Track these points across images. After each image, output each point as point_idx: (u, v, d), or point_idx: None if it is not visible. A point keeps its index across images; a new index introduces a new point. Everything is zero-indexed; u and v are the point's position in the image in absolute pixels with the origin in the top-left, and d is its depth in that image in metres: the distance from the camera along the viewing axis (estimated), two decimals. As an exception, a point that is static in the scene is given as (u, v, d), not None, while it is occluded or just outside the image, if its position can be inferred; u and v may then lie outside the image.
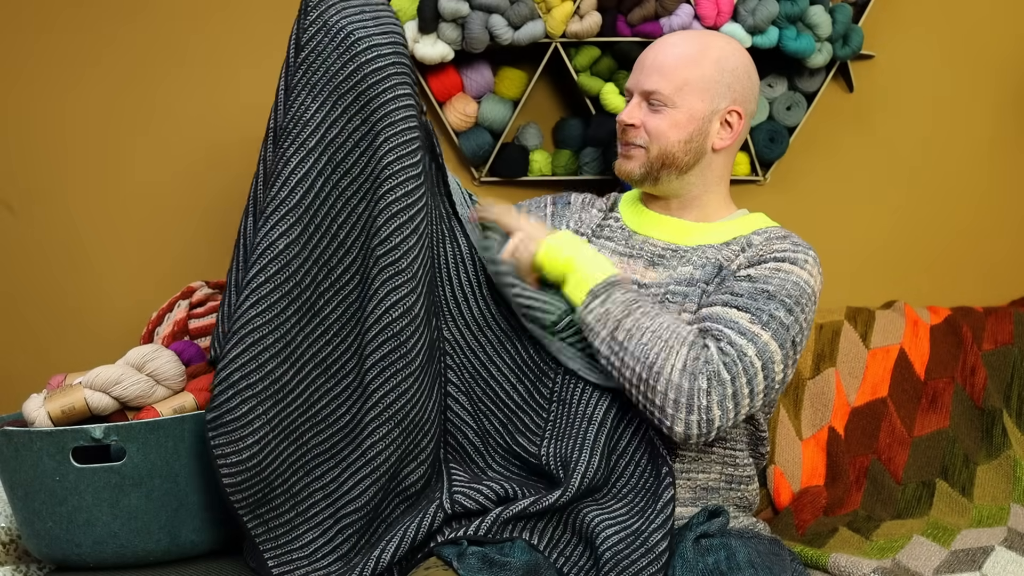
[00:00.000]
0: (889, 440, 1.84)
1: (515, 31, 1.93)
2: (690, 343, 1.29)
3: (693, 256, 1.45)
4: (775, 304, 1.34)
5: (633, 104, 1.48)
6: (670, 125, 1.45)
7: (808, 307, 1.37)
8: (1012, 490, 1.75)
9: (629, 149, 1.49)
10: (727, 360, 1.29)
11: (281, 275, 1.31)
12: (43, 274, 2.07)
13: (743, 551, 1.26)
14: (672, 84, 1.44)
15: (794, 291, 1.36)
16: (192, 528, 1.39)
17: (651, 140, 1.46)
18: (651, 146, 1.46)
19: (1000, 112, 2.21)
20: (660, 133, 1.46)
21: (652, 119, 1.46)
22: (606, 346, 1.33)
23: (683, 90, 1.44)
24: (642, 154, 1.47)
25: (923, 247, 2.23)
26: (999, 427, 1.82)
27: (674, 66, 1.45)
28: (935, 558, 1.53)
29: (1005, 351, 1.90)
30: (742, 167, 2.12)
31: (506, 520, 1.32)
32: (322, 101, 1.33)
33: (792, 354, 1.35)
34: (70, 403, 1.39)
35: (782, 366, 1.33)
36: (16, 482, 1.38)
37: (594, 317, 1.34)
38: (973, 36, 2.19)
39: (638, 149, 1.47)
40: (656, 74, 1.45)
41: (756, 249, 1.43)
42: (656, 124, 1.45)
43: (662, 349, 1.28)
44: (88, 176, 2.06)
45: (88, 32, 2.02)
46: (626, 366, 1.31)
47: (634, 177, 1.49)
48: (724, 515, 1.36)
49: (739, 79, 1.47)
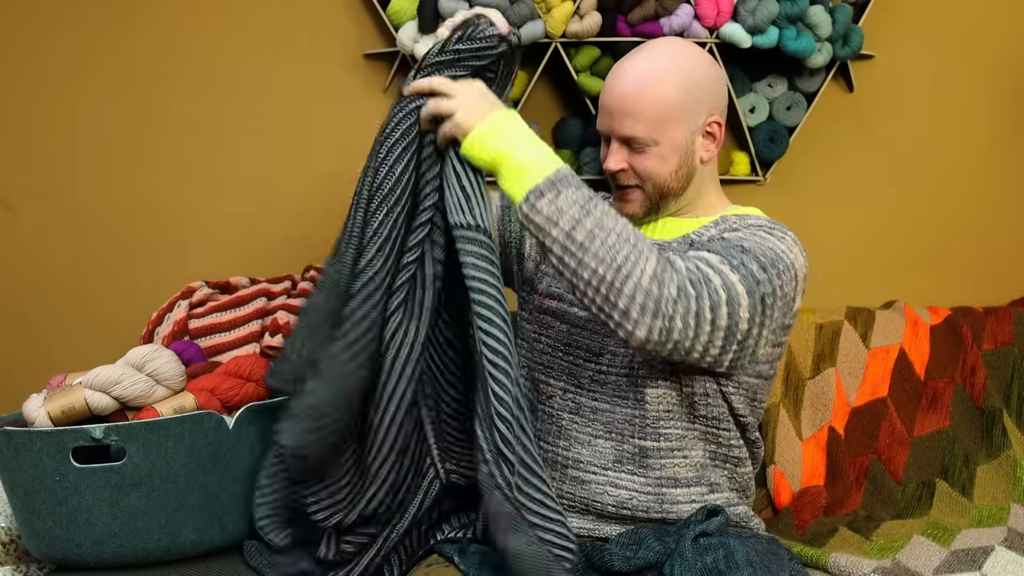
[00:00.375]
0: (889, 440, 1.84)
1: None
2: (657, 252, 1.24)
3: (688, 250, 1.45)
4: (748, 257, 1.30)
5: (614, 150, 1.44)
6: (658, 162, 1.42)
7: (785, 275, 1.33)
8: (1012, 490, 1.75)
9: (625, 192, 1.46)
10: (693, 278, 1.24)
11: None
12: (43, 274, 2.07)
13: (741, 550, 1.27)
14: (647, 125, 1.40)
15: (769, 254, 1.32)
16: (192, 528, 1.39)
17: (644, 180, 1.44)
18: (646, 185, 1.44)
19: (999, 112, 2.21)
20: (651, 172, 1.43)
21: (638, 160, 1.43)
22: (558, 246, 1.23)
23: (660, 126, 1.41)
24: (639, 194, 1.45)
25: (923, 247, 2.23)
26: (999, 427, 1.82)
27: (643, 106, 1.40)
28: (935, 558, 1.53)
29: (1005, 351, 1.90)
30: (742, 167, 2.12)
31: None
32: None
33: (760, 311, 1.30)
34: (70, 403, 1.39)
35: (748, 314, 1.28)
36: (16, 482, 1.38)
37: (544, 216, 1.24)
38: (972, 36, 2.19)
39: (634, 190, 1.45)
40: (628, 119, 1.40)
41: (730, 223, 1.43)
42: (644, 165, 1.43)
43: (631, 252, 1.22)
44: (88, 176, 2.06)
45: (89, 33, 2.03)
46: (585, 267, 1.22)
47: (638, 217, 1.47)
48: (722, 514, 1.36)
49: (705, 89, 1.43)
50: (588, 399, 1.42)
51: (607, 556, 1.30)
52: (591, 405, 1.42)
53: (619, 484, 1.39)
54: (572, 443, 1.42)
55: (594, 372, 1.42)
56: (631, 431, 1.39)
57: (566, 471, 1.42)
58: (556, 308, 1.48)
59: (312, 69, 2.07)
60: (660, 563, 1.29)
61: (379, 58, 2.08)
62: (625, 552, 1.30)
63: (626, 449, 1.39)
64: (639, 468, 1.39)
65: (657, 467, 1.39)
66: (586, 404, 1.42)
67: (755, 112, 2.10)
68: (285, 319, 1.78)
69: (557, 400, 1.45)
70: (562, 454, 1.43)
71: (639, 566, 1.29)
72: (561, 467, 1.43)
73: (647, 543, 1.31)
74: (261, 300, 1.83)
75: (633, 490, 1.38)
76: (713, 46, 2.02)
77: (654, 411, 1.39)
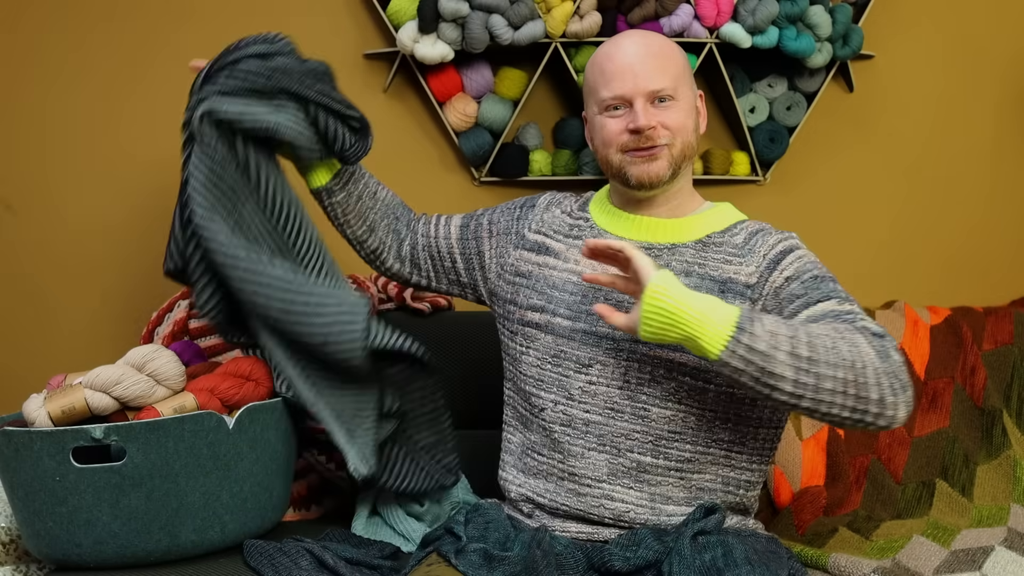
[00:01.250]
0: (889, 440, 1.85)
1: (515, 31, 1.93)
2: (849, 327, 1.24)
3: (671, 260, 1.43)
4: (829, 283, 1.35)
5: (641, 109, 1.42)
6: (685, 116, 1.44)
7: None
8: (1012, 490, 1.75)
9: (653, 151, 1.42)
10: (880, 331, 1.26)
11: None
12: (43, 274, 2.07)
13: (740, 548, 1.26)
14: (670, 77, 1.43)
15: (821, 264, 1.40)
16: (192, 528, 1.39)
17: (674, 136, 1.43)
18: (675, 141, 1.43)
19: (999, 112, 2.22)
20: (680, 126, 1.43)
21: (668, 115, 1.43)
22: (790, 370, 1.19)
23: (679, 80, 1.44)
24: (667, 152, 1.43)
25: (923, 247, 2.23)
26: (999, 427, 1.82)
27: (664, 62, 1.43)
28: (935, 558, 1.53)
29: (1005, 351, 1.90)
30: (742, 167, 2.12)
31: None
32: None
33: None
34: (70, 403, 1.39)
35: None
36: (16, 482, 1.38)
37: (761, 346, 1.19)
38: (973, 36, 2.19)
39: (662, 149, 1.43)
40: (655, 73, 1.42)
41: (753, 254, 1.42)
42: (674, 119, 1.43)
43: (845, 343, 1.21)
44: (89, 176, 2.06)
45: (89, 32, 2.03)
46: (824, 378, 1.19)
47: (664, 178, 1.44)
48: (720, 511, 1.36)
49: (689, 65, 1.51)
50: (580, 411, 1.41)
51: (606, 556, 1.30)
52: (583, 417, 1.41)
53: (615, 496, 1.38)
54: (566, 456, 1.41)
55: (584, 384, 1.41)
56: (629, 445, 1.38)
57: (562, 483, 1.41)
58: (540, 320, 1.46)
59: (312, 69, 2.07)
60: (659, 562, 1.29)
61: (379, 58, 2.08)
62: (624, 552, 1.30)
63: (622, 463, 1.38)
64: (635, 482, 1.38)
65: (654, 483, 1.39)
66: (578, 416, 1.41)
67: (755, 112, 2.10)
68: (285, 319, 1.78)
69: (548, 413, 1.43)
70: (557, 466, 1.42)
71: (638, 565, 1.29)
72: (557, 479, 1.42)
73: (646, 542, 1.31)
74: (261, 300, 1.83)
75: (630, 503, 1.38)
76: (713, 46, 2.02)
77: (659, 429, 1.38)
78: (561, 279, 1.47)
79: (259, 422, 1.45)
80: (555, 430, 1.42)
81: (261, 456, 1.45)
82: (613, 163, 1.45)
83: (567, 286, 1.46)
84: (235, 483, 1.42)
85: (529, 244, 1.53)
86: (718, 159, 2.10)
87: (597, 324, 1.42)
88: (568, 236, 1.51)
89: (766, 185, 2.18)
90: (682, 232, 1.46)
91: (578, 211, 1.55)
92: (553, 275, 1.48)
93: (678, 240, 1.45)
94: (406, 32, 1.93)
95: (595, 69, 1.46)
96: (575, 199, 1.58)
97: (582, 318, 1.43)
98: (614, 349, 1.40)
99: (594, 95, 1.46)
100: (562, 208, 1.56)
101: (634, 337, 1.38)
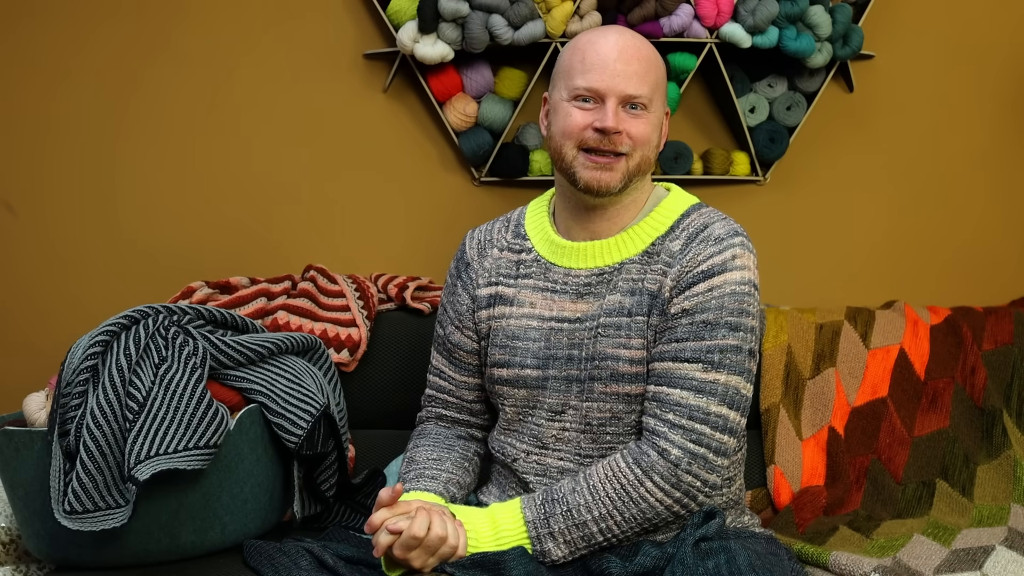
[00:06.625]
0: (889, 440, 1.84)
1: (515, 31, 1.93)
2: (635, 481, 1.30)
3: (618, 280, 1.38)
4: (720, 332, 1.31)
5: (612, 110, 1.35)
6: (652, 130, 1.38)
7: (752, 306, 1.34)
8: (1012, 490, 1.75)
9: (610, 160, 1.36)
10: (694, 436, 1.29)
11: None
12: (43, 274, 2.07)
13: (743, 554, 1.25)
14: (649, 86, 1.37)
15: (732, 304, 1.32)
16: (192, 528, 1.39)
17: (635, 147, 1.37)
18: (634, 153, 1.37)
19: (999, 111, 2.21)
20: (645, 139, 1.37)
21: (635, 125, 1.36)
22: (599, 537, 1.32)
23: (655, 92, 1.38)
24: (623, 163, 1.37)
25: (923, 247, 2.23)
26: (999, 427, 1.82)
27: (647, 68, 1.37)
28: (935, 557, 1.53)
29: (1005, 351, 1.90)
30: (742, 167, 2.12)
31: None
32: None
33: (751, 366, 1.34)
34: (70, 403, 1.38)
35: (747, 386, 1.33)
36: (16, 482, 1.38)
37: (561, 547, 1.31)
38: (973, 36, 2.19)
39: (619, 158, 1.37)
40: (635, 77, 1.35)
41: (680, 265, 1.35)
42: (640, 130, 1.36)
43: (631, 507, 1.31)
44: (89, 176, 2.06)
45: (89, 33, 2.03)
46: (627, 530, 1.32)
47: (613, 190, 1.38)
48: (720, 516, 1.35)
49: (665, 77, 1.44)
50: (554, 459, 1.40)
51: (605, 563, 1.29)
52: (557, 465, 1.40)
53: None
54: None
55: (558, 431, 1.40)
56: None
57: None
58: (508, 376, 1.42)
59: (312, 69, 2.07)
60: (659, 568, 1.27)
61: (379, 58, 2.08)
62: (623, 559, 1.29)
63: None
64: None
65: None
66: (552, 465, 1.40)
67: (755, 112, 2.10)
68: (285, 319, 1.78)
69: (520, 463, 1.42)
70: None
71: (636, 572, 1.28)
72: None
73: (644, 549, 1.30)
74: (261, 300, 1.83)
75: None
76: (713, 46, 2.02)
77: None
78: (520, 327, 1.42)
79: (260, 423, 1.45)
80: (529, 480, 1.41)
81: (261, 457, 1.45)
82: (566, 157, 1.39)
83: (528, 333, 1.41)
84: (235, 483, 1.42)
85: (484, 302, 1.47)
86: (718, 159, 2.10)
87: (566, 367, 1.39)
88: (518, 277, 1.45)
89: (766, 185, 2.18)
90: (628, 246, 1.41)
91: (514, 240, 1.48)
92: (511, 324, 1.43)
93: (625, 256, 1.40)
94: (406, 32, 1.94)
95: (576, 54, 1.39)
96: (503, 227, 1.51)
97: (551, 364, 1.39)
98: (583, 392, 1.38)
99: (566, 79, 1.38)
100: (497, 247, 1.50)
101: (595, 375, 1.37)
